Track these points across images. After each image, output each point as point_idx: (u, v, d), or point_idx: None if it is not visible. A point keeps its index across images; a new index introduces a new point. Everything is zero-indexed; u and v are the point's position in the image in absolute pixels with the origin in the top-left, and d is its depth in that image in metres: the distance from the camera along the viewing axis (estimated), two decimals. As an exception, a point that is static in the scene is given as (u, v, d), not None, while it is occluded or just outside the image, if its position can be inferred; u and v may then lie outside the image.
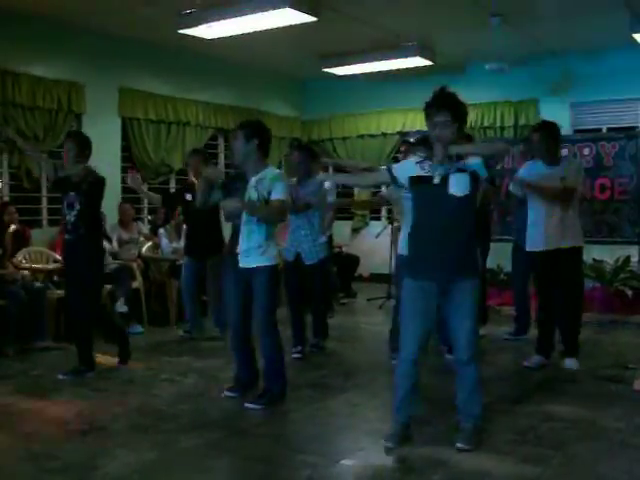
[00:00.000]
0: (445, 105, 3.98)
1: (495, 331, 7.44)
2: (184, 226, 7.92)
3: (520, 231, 6.27)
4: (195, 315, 7.30)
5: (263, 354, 4.98)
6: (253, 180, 4.90)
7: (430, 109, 4.02)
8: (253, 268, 4.89)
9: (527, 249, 5.93)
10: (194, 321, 7.30)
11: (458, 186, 3.95)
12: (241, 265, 4.95)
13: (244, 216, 4.90)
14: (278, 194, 4.85)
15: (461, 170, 3.97)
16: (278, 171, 5.12)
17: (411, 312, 4.10)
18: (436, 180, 3.98)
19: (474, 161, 3.99)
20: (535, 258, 5.87)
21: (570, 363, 5.86)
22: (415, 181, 4.07)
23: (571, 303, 5.90)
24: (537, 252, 5.82)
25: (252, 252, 4.88)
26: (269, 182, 4.85)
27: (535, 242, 5.82)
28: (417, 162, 4.08)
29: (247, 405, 4.85)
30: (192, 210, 7.06)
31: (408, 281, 4.14)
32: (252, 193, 4.88)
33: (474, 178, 4.00)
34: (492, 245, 7.68)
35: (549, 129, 5.84)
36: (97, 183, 5.80)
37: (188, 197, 7.12)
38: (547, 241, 5.72)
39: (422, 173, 4.04)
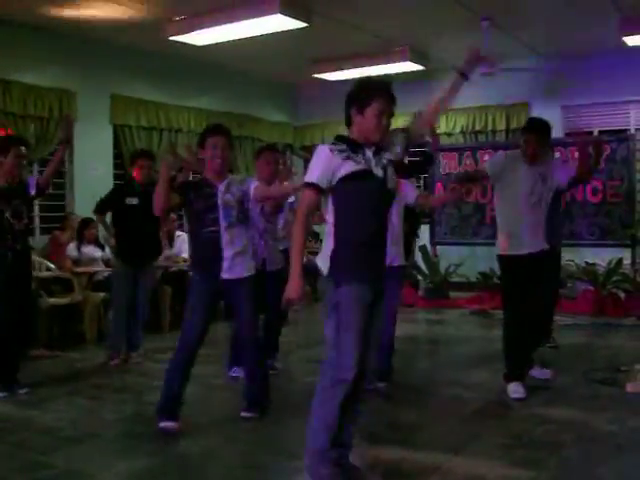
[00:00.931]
0: (394, 96, 3.55)
1: (488, 334, 7.45)
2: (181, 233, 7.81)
3: None
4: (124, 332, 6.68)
5: (252, 368, 4.84)
6: (222, 187, 4.62)
7: (381, 93, 3.48)
8: (238, 279, 4.65)
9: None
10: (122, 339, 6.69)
11: (392, 180, 3.53)
12: (226, 276, 4.61)
13: (224, 221, 4.59)
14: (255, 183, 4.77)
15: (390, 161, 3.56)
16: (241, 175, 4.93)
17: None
18: (378, 173, 3.47)
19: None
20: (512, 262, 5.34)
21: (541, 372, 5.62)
22: (352, 177, 3.42)
23: (548, 308, 5.64)
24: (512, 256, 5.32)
25: (238, 260, 4.64)
26: (239, 184, 4.68)
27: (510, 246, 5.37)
28: (345, 158, 3.42)
29: (243, 414, 4.76)
30: (135, 214, 6.39)
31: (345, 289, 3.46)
32: (227, 198, 4.60)
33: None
34: (485, 249, 7.69)
35: (547, 131, 5.36)
36: (39, 192, 5.81)
37: (132, 201, 6.41)
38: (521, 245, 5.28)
39: (359, 167, 3.43)
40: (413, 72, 9.96)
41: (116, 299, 6.71)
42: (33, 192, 5.75)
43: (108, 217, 6.75)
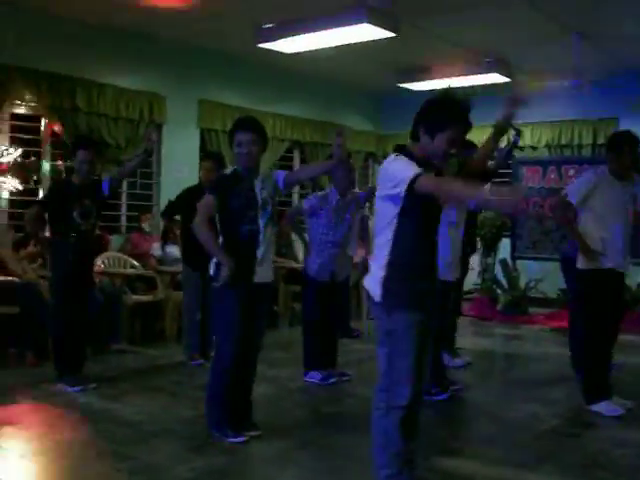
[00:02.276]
0: (470, 123, 3.38)
1: (567, 353, 7.31)
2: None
3: None
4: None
5: (252, 380, 4.66)
6: (258, 184, 4.43)
7: (458, 121, 3.30)
8: (268, 283, 4.52)
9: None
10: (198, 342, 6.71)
11: None
12: (258, 280, 4.40)
13: (263, 219, 4.39)
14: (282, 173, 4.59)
15: None
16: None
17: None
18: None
19: None
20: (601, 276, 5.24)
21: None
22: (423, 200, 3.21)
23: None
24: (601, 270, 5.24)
25: (267, 264, 4.47)
26: (267, 178, 4.50)
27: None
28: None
29: (252, 434, 4.51)
30: None
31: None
32: (264, 195, 4.42)
33: None
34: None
35: (637, 144, 5.20)
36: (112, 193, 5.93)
37: None
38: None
39: None
40: (498, 84, 9.86)
41: (186, 301, 6.83)
42: (107, 193, 5.81)
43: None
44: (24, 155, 7.52)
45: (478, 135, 10.98)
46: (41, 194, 7.93)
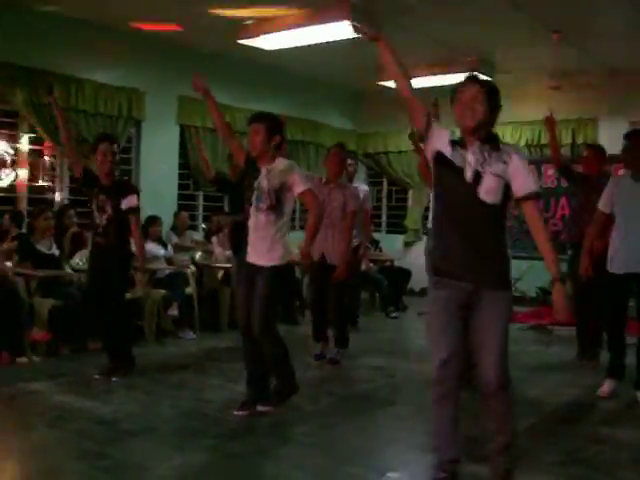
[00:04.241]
0: (482, 81, 3.62)
1: (545, 350, 7.36)
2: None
3: None
4: None
5: (265, 354, 4.78)
6: (264, 169, 4.67)
7: (464, 83, 3.68)
8: (260, 266, 4.68)
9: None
10: None
11: (489, 192, 3.33)
12: (249, 260, 4.75)
13: (254, 203, 4.68)
14: (302, 185, 4.67)
15: (496, 175, 3.33)
16: (288, 161, 4.79)
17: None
18: (467, 176, 3.35)
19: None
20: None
21: None
22: (442, 162, 3.43)
23: None
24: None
25: (259, 249, 4.69)
26: (279, 173, 4.64)
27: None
28: (451, 140, 3.46)
29: (259, 408, 4.84)
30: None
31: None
32: (263, 182, 4.65)
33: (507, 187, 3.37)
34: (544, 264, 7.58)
35: None
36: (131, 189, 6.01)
37: None
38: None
39: (454, 159, 3.39)
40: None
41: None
42: (124, 206, 5.79)
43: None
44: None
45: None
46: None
